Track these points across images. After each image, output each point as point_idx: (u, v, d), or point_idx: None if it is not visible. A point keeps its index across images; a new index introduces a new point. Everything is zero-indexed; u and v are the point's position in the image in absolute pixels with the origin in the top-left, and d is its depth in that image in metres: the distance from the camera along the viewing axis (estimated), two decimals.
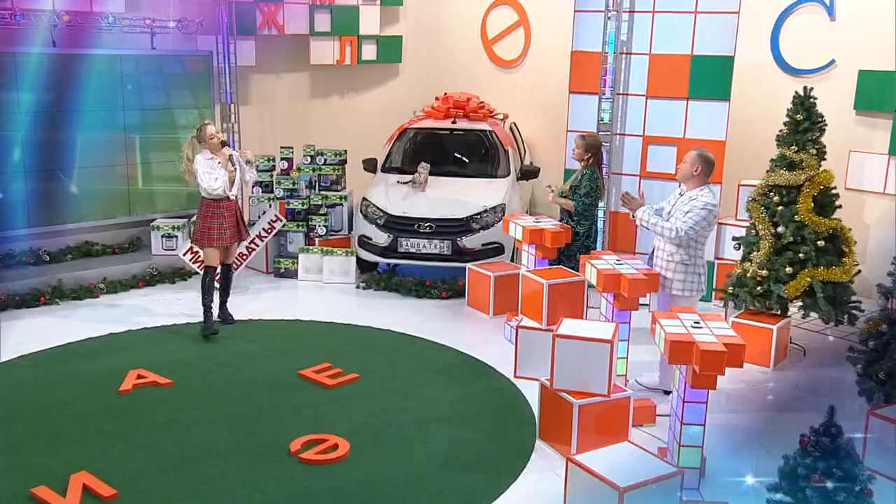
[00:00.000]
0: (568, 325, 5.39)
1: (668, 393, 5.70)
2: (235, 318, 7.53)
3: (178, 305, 8.03)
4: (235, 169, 7.17)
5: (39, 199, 8.35)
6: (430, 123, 9.70)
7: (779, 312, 6.85)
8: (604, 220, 8.11)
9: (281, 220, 8.73)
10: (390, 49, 11.27)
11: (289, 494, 4.84)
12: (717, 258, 8.13)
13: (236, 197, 7.34)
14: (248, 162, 7.29)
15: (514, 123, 10.16)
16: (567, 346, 5.21)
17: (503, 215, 8.27)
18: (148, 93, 8.98)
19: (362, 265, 8.81)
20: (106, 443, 5.39)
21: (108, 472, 4.95)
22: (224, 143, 7.23)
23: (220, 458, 5.25)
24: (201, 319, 7.23)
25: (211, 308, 7.24)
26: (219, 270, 7.36)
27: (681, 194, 5.92)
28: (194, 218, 7.61)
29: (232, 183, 7.16)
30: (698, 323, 4.72)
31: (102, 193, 8.78)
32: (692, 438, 4.65)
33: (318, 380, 6.36)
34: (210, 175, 7.05)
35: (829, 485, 3.51)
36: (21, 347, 6.87)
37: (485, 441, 5.54)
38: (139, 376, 6.33)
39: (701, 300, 6.22)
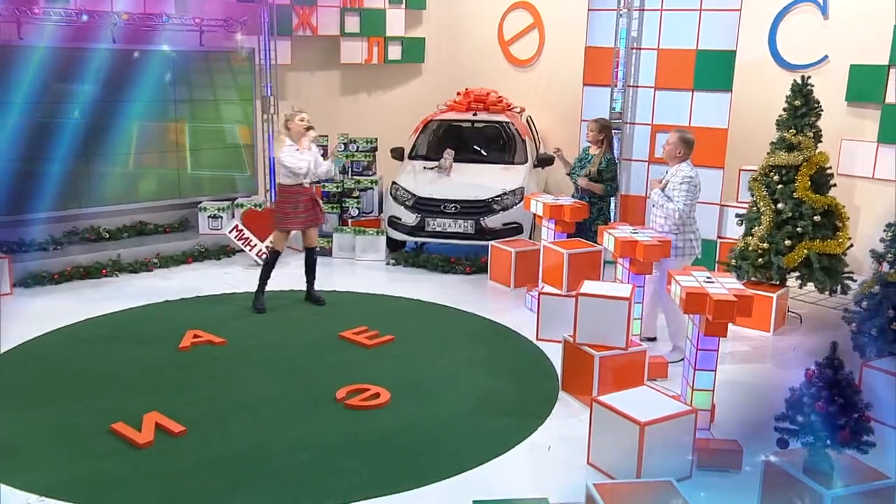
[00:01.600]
0: (589, 286, 5.58)
1: (651, 340, 6.12)
2: (274, 289, 7.58)
3: (224, 279, 8.25)
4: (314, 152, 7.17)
5: (99, 181, 8.58)
6: (452, 115, 9.89)
7: (778, 283, 7.03)
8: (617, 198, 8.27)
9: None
10: (414, 49, 11.45)
11: (337, 435, 5.03)
12: (720, 237, 8.29)
13: (311, 184, 7.31)
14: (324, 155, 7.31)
15: (530, 116, 10.34)
16: (589, 303, 5.41)
17: (522, 198, 8.46)
18: (196, 86, 9.18)
19: (391, 244, 9.00)
20: (171, 390, 5.59)
21: (176, 414, 5.14)
22: (309, 128, 7.18)
23: (274, 404, 5.45)
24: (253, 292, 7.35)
25: (264, 287, 7.29)
26: (276, 256, 7.36)
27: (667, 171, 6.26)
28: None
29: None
30: (710, 278, 4.90)
31: (155, 177, 9.00)
32: (704, 383, 4.82)
33: (357, 340, 6.56)
34: (296, 158, 7.02)
35: (831, 410, 3.70)
36: (88, 311, 7.10)
37: (512, 392, 5.73)
38: (195, 336, 6.54)
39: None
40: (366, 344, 6.49)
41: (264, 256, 8.54)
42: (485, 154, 9.45)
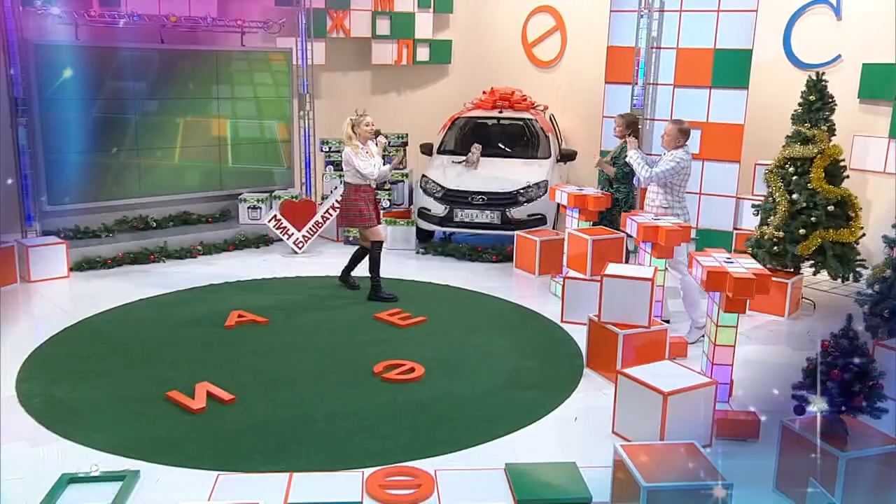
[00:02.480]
0: (613, 268, 5.70)
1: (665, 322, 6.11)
2: (310, 275, 7.78)
3: (263, 265, 8.42)
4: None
5: (147, 174, 8.79)
6: (479, 113, 10.02)
7: (792, 270, 7.10)
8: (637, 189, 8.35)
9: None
10: (441, 51, 11.59)
11: (376, 405, 5.17)
12: (735, 228, 8.37)
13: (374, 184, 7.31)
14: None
15: (553, 114, 10.45)
16: (613, 284, 5.52)
17: (545, 190, 8.59)
18: (237, 84, 9.36)
19: (421, 234, 9.14)
20: (220, 363, 5.77)
21: (225, 384, 5.32)
22: (378, 133, 7.19)
23: (316, 377, 5.61)
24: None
25: (379, 279, 7.28)
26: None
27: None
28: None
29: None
30: (730, 259, 5.01)
31: (198, 170, 9.18)
32: (723, 357, 4.92)
33: (391, 321, 6.70)
34: (368, 162, 7.02)
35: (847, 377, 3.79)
36: (139, 293, 7.31)
37: (539, 368, 5.86)
38: (240, 316, 6.72)
39: None
40: (400, 324, 6.64)
41: (301, 245, 8.76)
42: (510, 149, 9.57)
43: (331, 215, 9.02)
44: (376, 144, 7.21)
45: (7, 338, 6.18)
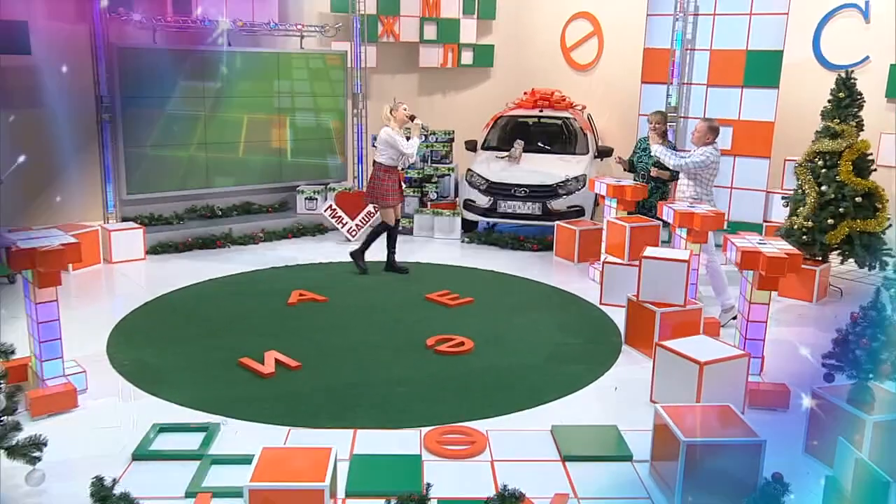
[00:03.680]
0: (651, 251, 5.82)
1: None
2: (367, 261, 7.87)
3: (320, 251, 8.66)
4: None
5: (214, 166, 9.10)
6: (520, 112, 10.18)
7: (821, 258, 7.14)
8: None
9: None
10: (484, 55, 11.73)
11: (430, 374, 5.37)
12: (765, 220, 8.41)
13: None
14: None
15: (590, 114, 10.56)
16: (652, 265, 5.65)
17: (584, 184, 8.71)
18: (296, 83, 9.61)
19: (466, 224, 9.32)
20: (285, 335, 6.00)
21: (291, 353, 5.54)
22: (412, 117, 7.49)
23: (373, 348, 5.82)
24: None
25: (394, 253, 7.70)
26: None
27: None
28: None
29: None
30: (762, 241, 5.11)
31: (259, 163, 9.46)
32: (756, 332, 5.03)
33: (441, 301, 6.89)
34: (405, 142, 7.34)
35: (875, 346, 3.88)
36: (208, 274, 7.59)
37: (581, 344, 6.01)
38: (301, 294, 6.95)
39: None
40: (449, 304, 6.82)
41: (353, 233, 8.99)
42: (550, 146, 9.69)
43: None
44: (412, 128, 7.48)
45: (95, 310, 6.51)
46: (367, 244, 7.74)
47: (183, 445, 4.27)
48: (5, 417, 3.45)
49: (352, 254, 7.75)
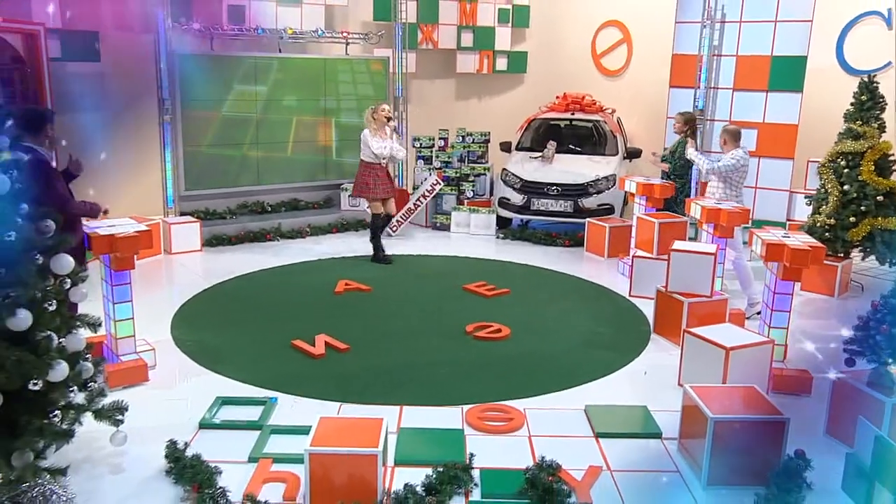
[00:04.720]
0: (679, 244, 5.91)
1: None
2: (404, 254, 8.09)
3: (363, 246, 8.78)
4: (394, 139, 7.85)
5: (264, 165, 9.34)
6: (552, 115, 10.28)
7: (842, 255, 7.15)
8: (697, 180, 8.47)
9: (440, 184, 9.44)
10: (518, 62, 11.87)
11: (470, 357, 5.52)
12: (789, 219, 8.41)
13: (385, 163, 7.92)
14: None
15: (619, 117, 10.62)
16: (680, 257, 5.73)
17: (614, 183, 8.80)
18: (341, 87, 9.81)
19: (501, 221, 9.43)
20: (333, 321, 6.17)
21: (340, 337, 5.72)
22: (389, 119, 7.83)
23: (416, 334, 5.99)
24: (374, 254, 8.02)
25: (379, 243, 7.99)
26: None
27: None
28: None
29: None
30: (787, 234, 5.17)
31: (306, 162, 9.69)
32: (780, 321, 5.09)
33: (478, 291, 7.03)
34: (380, 143, 7.70)
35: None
36: (260, 264, 7.82)
37: (612, 332, 6.11)
38: (346, 284, 7.13)
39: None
40: (486, 294, 6.96)
41: (395, 229, 9.18)
42: (581, 147, 9.79)
43: (422, 203, 9.41)
44: (388, 130, 7.78)
45: (159, 296, 6.77)
46: (375, 243, 7.97)
47: (244, 416, 4.47)
48: (93, 384, 3.67)
49: (372, 260, 7.97)
